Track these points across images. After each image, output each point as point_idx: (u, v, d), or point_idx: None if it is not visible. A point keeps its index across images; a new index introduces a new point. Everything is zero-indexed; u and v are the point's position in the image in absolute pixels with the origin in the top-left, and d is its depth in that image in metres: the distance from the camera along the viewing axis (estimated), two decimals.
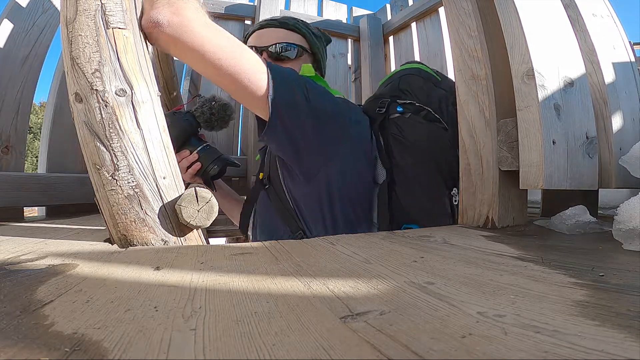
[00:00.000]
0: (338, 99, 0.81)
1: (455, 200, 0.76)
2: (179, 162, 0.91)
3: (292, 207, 0.80)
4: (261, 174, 0.93)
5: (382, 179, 0.78)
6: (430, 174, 0.78)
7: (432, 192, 0.77)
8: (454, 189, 0.76)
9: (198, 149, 0.94)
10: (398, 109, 0.84)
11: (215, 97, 0.99)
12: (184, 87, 1.76)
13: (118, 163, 0.54)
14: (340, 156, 0.74)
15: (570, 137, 0.63)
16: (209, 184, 0.98)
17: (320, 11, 1.84)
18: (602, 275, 0.35)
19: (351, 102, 0.88)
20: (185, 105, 1.06)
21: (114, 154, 0.54)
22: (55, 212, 1.15)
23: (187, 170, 0.93)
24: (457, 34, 0.74)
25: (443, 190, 0.77)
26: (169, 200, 0.58)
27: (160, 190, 0.57)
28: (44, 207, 1.16)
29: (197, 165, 0.93)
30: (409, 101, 0.84)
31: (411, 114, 0.83)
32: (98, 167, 0.54)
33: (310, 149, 0.72)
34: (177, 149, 0.92)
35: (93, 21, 0.55)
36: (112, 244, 0.57)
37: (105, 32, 0.55)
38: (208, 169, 0.95)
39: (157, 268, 0.42)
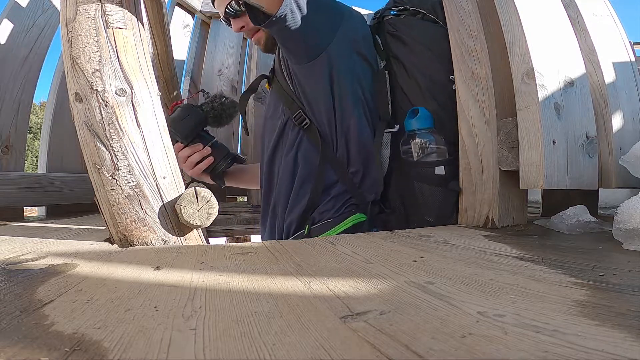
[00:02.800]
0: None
1: (454, 86, 0.79)
2: (189, 156, 0.91)
3: (293, 90, 0.83)
4: (267, 85, 0.95)
5: (380, 67, 0.83)
6: (428, 62, 0.81)
7: (432, 76, 0.81)
8: (452, 76, 0.79)
9: (210, 143, 0.94)
10: (392, 13, 0.91)
11: (223, 94, 0.99)
12: (184, 87, 1.76)
13: (118, 163, 0.54)
14: (339, 40, 0.79)
15: (570, 137, 0.63)
16: (219, 179, 0.98)
17: None
18: (602, 275, 0.35)
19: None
20: (185, 100, 1.06)
21: (114, 153, 0.54)
22: (55, 212, 1.15)
23: (196, 165, 0.93)
24: (457, 33, 0.74)
25: (442, 74, 0.80)
26: (169, 200, 0.58)
27: (160, 190, 0.57)
28: (44, 207, 1.16)
29: (210, 160, 0.94)
30: (402, 7, 0.90)
31: (405, 15, 0.89)
32: (98, 166, 0.54)
33: (314, 33, 0.76)
34: (189, 142, 0.92)
35: (93, 21, 0.55)
36: (112, 244, 0.57)
37: (105, 32, 0.55)
38: (219, 164, 0.95)
39: (157, 268, 0.42)
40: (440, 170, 0.75)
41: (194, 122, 0.91)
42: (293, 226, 0.80)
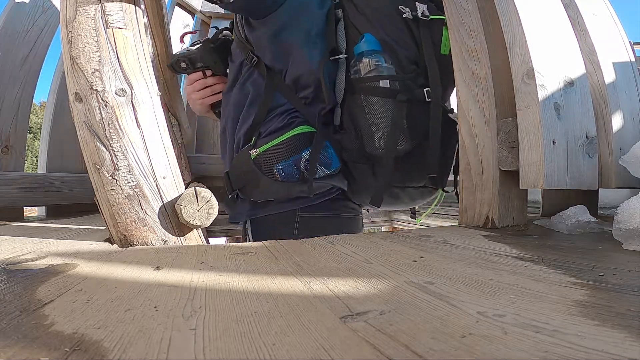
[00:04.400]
0: None
1: (407, 14, 0.83)
2: (212, 85, 0.95)
3: (244, 37, 0.88)
4: (233, 36, 0.98)
5: (329, 6, 0.87)
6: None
7: (378, 8, 0.84)
8: (403, 7, 0.83)
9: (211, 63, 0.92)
10: None
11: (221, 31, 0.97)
12: (184, 86, 1.76)
13: (118, 163, 0.54)
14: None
15: (570, 137, 0.63)
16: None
17: None
18: (602, 275, 0.35)
19: None
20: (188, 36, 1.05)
21: (113, 153, 0.54)
22: (55, 212, 1.15)
23: (207, 97, 0.96)
24: (457, 33, 0.74)
25: (389, 5, 0.84)
26: (169, 199, 0.58)
27: (160, 190, 0.57)
28: (44, 207, 1.16)
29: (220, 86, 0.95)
30: None
31: None
32: (98, 167, 0.54)
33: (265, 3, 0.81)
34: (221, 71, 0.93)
35: (93, 21, 0.55)
36: (112, 244, 0.57)
37: (105, 32, 0.55)
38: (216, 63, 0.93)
39: (157, 268, 0.42)
40: (385, 83, 0.78)
41: (227, 50, 0.92)
42: (241, 141, 0.86)
